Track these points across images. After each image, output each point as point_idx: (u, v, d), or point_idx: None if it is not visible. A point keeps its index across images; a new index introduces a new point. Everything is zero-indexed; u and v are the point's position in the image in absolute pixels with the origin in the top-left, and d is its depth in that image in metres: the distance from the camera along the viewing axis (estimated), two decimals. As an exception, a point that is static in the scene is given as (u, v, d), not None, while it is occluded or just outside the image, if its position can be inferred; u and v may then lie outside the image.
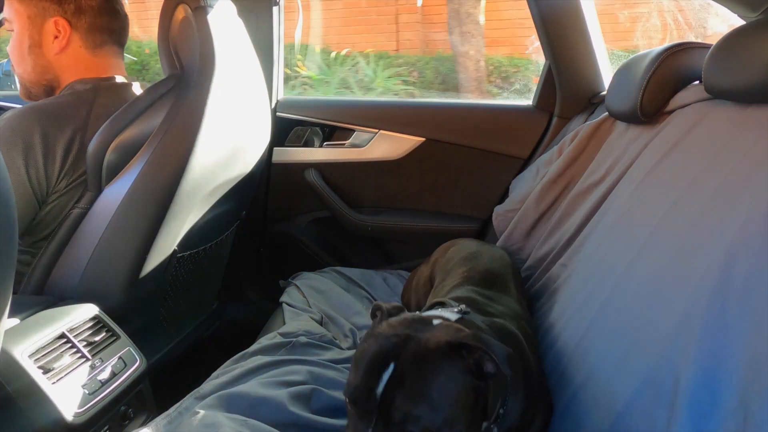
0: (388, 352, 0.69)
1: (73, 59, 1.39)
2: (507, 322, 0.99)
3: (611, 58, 1.84)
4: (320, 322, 1.36)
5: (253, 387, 1.00)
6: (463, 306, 0.93)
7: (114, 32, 1.44)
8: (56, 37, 1.37)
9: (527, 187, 1.63)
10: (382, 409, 0.66)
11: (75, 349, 1.06)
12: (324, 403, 0.99)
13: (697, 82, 1.14)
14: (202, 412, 0.92)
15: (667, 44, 1.21)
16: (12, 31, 1.40)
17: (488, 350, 0.69)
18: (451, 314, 0.89)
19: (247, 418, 0.90)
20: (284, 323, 1.34)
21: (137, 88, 1.44)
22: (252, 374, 1.06)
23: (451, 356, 0.70)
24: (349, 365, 1.13)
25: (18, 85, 1.61)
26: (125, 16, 1.47)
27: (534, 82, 2.10)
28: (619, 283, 0.95)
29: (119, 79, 1.44)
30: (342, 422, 0.95)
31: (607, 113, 1.46)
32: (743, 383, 0.62)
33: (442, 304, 1.00)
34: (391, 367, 0.67)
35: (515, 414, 0.84)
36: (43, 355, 1.00)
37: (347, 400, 0.70)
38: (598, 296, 0.98)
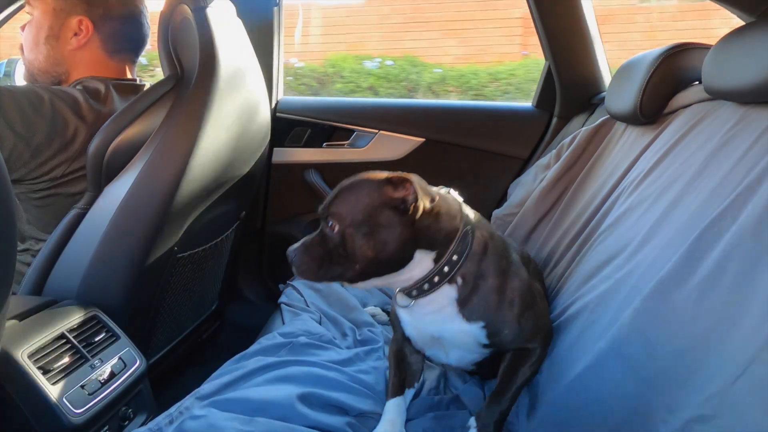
0: (343, 180, 0.98)
1: (88, 58, 1.39)
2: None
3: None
4: (319, 322, 1.36)
5: (253, 387, 1.01)
6: (453, 192, 1.06)
7: (133, 42, 1.46)
8: (76, 35, 1.36)
9: (525, 190, 1.63)
10: (327, 212, 0.95)
11: (75, 350, 1.06)
12: (324, 403, 0.99)
13: (697, 82, 1.14)
14: (202, 412, 0.92)
15: (667, 45, 1.21)
16: (30, 14, 1.39)
17: (408, 180, 0.90)
18: (434, 187, 1.01)
19: (248, 418, 0.90)
20: (284, 324, 1.34)
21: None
22: (252, 375, 1.06)
23: (376, 185, 0.93)
24: (348, 365, 1.13)
25: (16, 81, 1.59)
26: (148, 28, 1.48)
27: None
28: (618, 283, 0.95)
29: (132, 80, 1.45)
30: (343, 424, 0.95)
31: (605, 116, 1.46)
32: (743, 382, 0.62)
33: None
34: (339, 188, 0.96)
35: (472, 269, 0.97)
36: (42, 356, 1.00)
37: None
38: (598, 295, 0.98)
